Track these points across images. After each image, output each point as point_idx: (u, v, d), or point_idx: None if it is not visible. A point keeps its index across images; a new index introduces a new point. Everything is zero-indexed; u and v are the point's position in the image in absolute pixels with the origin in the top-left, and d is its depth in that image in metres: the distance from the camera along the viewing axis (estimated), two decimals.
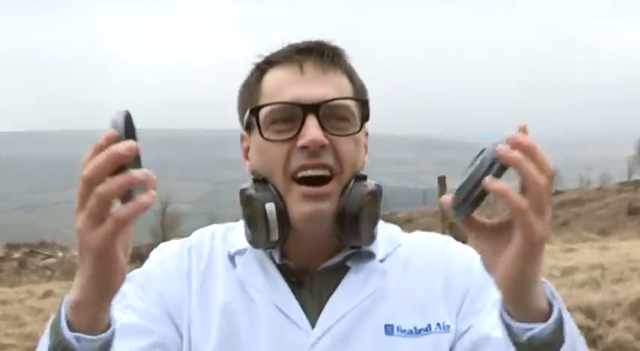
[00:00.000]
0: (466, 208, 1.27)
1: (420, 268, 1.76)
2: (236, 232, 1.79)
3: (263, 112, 1.67)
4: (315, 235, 1.68)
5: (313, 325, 1.65)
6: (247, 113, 1.70)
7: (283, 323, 1.66)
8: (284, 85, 1.67)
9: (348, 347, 1.65)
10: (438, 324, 1.68)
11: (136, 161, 1.22)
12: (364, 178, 1.68)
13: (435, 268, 1.76)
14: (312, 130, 1.60)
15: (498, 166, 1.22)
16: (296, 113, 1.63)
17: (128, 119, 1.25)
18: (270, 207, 1.61)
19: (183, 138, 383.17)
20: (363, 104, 1.72)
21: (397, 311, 1.68)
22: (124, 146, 1.17)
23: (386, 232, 1.79)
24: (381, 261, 1.74)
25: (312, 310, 1.67)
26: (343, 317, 1.66)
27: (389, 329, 1.66)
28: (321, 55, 1.69)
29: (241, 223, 1.75)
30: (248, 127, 1.73)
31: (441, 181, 12.97)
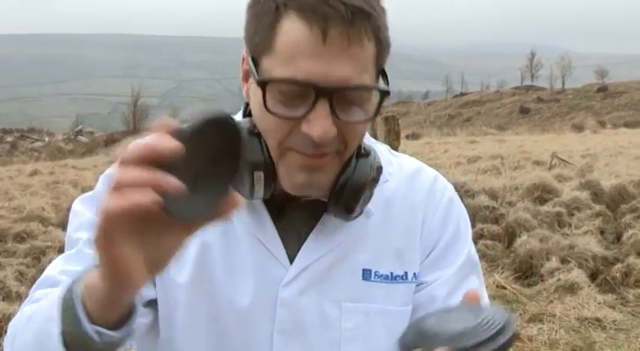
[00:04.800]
0: None
1: (402, 210, 1.44)
2: None
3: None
4: None
5: (291, 260, 1.35)
6: (252, 77, 1.25)
7: (263, 257, 1.34)
8: (300, 55, 1.19)
9: (323, 288, 1.36)
10: (414, 274, 1.42)
11: (183, 167, 0.89)
12: (367, 154, 1.32)
13: (417, 212, 1.44)
14: (321, 121, 1.19)
15: None
16: (308, 92, 1.19)
17: (209, 124, 0.91)
18: (259, 176, 1.26)
19: (152, 43, 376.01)
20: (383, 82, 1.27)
21: (376, 255, 1.39)
22: (165, 145, 0.86)
23: None
24: None
25: (291, 245, 1.37)
26: (322, 257, 1.36)
27: (366, 274, 1.39)
28: (352, 19, 1.18)
29: None
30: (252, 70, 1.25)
31: None
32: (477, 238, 7.98)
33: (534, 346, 5.02)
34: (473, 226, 1.44)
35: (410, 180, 1.47)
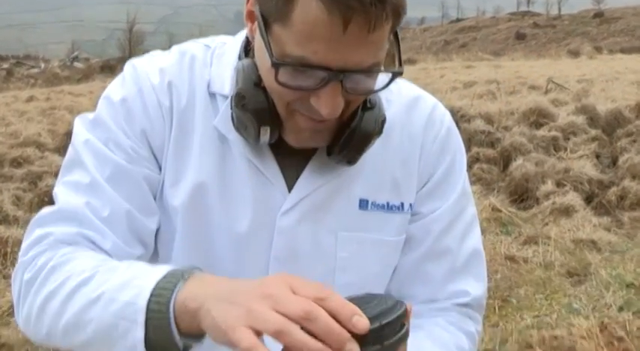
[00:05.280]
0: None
1: (401, 139, 1.41)
2: (222, 63, 1.35)
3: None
4: None
5: (289, 190, 1.34)
6: (265, 48, 1.16)
7: (261, 185, 1.32)
8: (317, 38, 1.11)
9: (320, 217, 1.35)
10: (410, 204, 1.41)
11: None
12: (373, 107, 1.29)
13: (415, 142, 1.42)
14: (331, 100, 1.15)
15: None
16: (321, 72, 1.14)
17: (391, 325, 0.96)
18: (265, 130, 1.24)
19: None
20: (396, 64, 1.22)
21: (374, 185, 1.39)
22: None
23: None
24: None
25: (290, 175, 1.35)
26: (320, 187, 1.34)
27: (363, 204, 1.38)
28: (375, 9, 1.10)
29: (228, 45, 1.38)
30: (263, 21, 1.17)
31: None
32: (473, 161, 7.92)
33: (529, 267, 5.01)
34: (468, 150, 1.39)
35: (409, 108, 1.43)
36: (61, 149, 9.96)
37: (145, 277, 1.07)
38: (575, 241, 5.51)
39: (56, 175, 1.28)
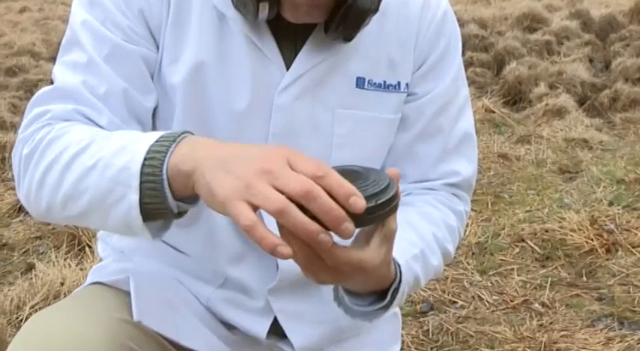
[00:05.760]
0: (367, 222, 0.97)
1: (397, 21, 1.40)
2: None
3: None
4: None
5: (287, 67, 1.34)
6: None
7: (260, 62, 1.32)
8: None
9: (317, 94, 1.35)
10: (406, 84, 1.41)
11: None
12: None
13: (412, 24, 1.41)
14: None
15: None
16: None
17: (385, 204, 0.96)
18: (264, 6, 1.23)
19: None
20: None
21: (370, 64, 1.38)
22: (346, 229, 0.89)
23: None
24: None
25: (287, 52, 1.35)
26: (318, 65, 1.34)
27: (360, 82, 1.38)
28: None
29: None
30: None
31: None
32: (467, 65, 7.84)
33: (522, 164, 5.00)
34: (462, 54, 1.41)
35: None
36: (56, 58, 9.88)
37: (139, 142, 1.07)
38: (567, 139, 5.48)
39: (52, 83, 1.28)
